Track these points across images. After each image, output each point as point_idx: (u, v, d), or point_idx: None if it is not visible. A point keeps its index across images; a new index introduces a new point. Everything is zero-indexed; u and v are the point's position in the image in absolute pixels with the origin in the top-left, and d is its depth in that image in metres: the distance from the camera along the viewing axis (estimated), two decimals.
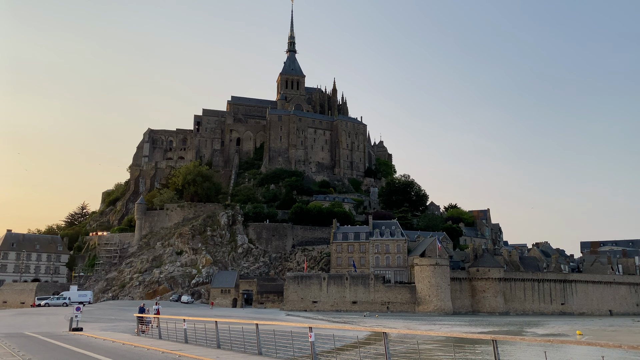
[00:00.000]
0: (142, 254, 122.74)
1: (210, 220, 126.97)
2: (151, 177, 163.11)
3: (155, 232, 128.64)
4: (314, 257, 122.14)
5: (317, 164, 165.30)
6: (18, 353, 18.30)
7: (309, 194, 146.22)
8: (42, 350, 20.01)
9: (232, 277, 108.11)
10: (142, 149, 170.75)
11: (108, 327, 37.83)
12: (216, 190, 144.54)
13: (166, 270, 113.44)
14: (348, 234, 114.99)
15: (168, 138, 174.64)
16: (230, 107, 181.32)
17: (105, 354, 18.66)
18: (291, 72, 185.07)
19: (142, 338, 26.21)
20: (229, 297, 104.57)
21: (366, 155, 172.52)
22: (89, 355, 18.27)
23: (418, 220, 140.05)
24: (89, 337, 26.86)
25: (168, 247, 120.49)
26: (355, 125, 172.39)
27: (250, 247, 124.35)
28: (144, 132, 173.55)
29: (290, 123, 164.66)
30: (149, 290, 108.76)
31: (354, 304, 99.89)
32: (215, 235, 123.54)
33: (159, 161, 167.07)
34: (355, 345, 30.10)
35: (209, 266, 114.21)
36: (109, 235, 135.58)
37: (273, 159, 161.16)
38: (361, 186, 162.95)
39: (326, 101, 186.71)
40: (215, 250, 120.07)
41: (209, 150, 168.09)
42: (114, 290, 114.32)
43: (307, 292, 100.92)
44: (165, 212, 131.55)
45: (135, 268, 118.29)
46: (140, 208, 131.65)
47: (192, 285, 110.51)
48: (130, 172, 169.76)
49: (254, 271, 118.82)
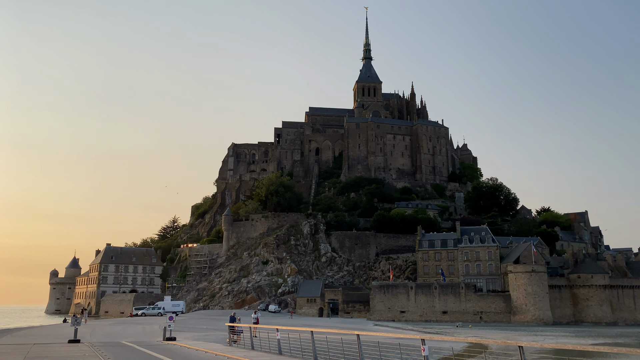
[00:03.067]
0: (230, 264, 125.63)
1: (293, 229, 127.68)
2: (236, 190, 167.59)
3: (242, 242, 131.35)
4: (399, 266, 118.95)
5: (397, 171, 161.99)
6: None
7: (390, 201, 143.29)
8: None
9: (317, 286, 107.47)
10: (227, 163, 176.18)
11: (200, 336, 37.82)
12: (298, 200, 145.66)
13: (253, 280, 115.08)
14: (434, 241, 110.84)
15: (251, 151, 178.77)
16: (309, 118, 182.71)
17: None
18: (367, 80, 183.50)
19: (234, 348, 25.43)
20: (315, 306, 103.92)
21: (449, 159, 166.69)
22: None
23: (509, 226, 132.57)
24: (182, 347, 26.49)
25: (254, 256, 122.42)
26: (436, 128, 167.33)
27: (334, 256, 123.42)
28: (228, 147, 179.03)
29: (368, 130, 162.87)
30: (238, 300, 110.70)
31: (444, 314, 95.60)
32: (299, 245, 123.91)
33: (243, 174, 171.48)
34: (458, 357, 27.65)
35: (294, 275, 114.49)
36: (198, 246, 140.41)
37: (352, 167, 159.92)
38: (445, 191, 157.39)
39: (404, 106, 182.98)
40: (300, 259, 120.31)
41: (289, 161, 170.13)
42: (204, 300, 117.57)
43: (394, 301, 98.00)
44: (251, 222, 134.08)
45: (224, 278, 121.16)
46: (227, 219, 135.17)
47: (278, 295, 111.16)
48: (216, 185, 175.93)
49: (338, 280, 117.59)
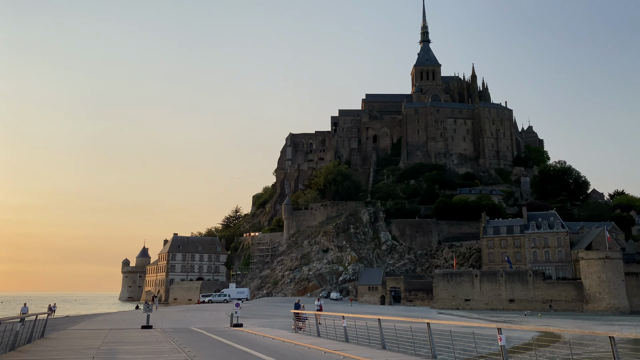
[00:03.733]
0: (291, 252, 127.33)
1: (352, 218, 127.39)
2: (295, 179, 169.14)
3: (302, 231, 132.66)
4: (462, 254, 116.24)
5: (459, 156, 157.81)
6: (184, 349, 18.27)
7: (452, 187, 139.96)
8: (206, 347, 19.92)
9: (379, 274, 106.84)
10: (285, 153, 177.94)
11: (265, 323, 38.36)
12: (356, 188, 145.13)
13: (314, 268, 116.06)
14: (500, 227, 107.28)
15: (308, 141, 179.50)
16: (365, 105, 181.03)
17: (266, 352, 17.85)
18: (426, 63, 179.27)
19: (300, 335, 25.48)
20: (377, 294, 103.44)
21: (514, 142, 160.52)
22: (251, 354, 17.59)
23: (579, 210, 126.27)
24: (249, 334, 26.84)
25: (314, 245, 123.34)
26: (499, 111, 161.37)
27: (394, 244, 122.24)
28: (286, 137, 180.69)
29: (427, 115, 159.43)
30: (300, 287, 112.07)
31: (510, 302, 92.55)
32: (359, 233, 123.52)
33: (301, 163, 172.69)
34: (527, 346, 26.43)
35: (354, 263, 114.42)
36: (260, 235, 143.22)
37: (411, 154, 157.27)
38: (510, 176, 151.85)
39: (465, 89, 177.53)
40: (360, 248, 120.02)
41: (346, 149, 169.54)
42: (267, 287, 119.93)
43: (458, 289, 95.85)
44: (310, 211, 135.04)
45: (286, 266, 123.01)
46: (287, 209, 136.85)
47: (339, 282, 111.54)
48: (276, 175, 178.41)
49: (400, 268, 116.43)
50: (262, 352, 17.64)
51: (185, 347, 19.20)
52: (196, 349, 18.74)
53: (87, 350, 17.83)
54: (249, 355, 17.09)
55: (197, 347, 19.61)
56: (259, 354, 17.20)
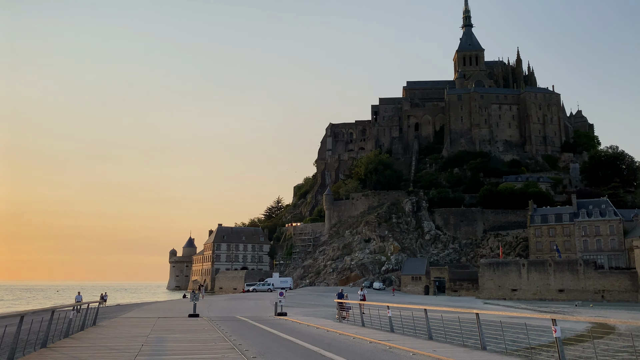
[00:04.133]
0: (333, 242, 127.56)
1: (394, 207, 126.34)
2: (335, 169, 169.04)
3: (344, 221, 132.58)
4: (508, 243, 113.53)
5: (504, 143, 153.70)
6: (230, 338, 18.44)
7: (497, 175, 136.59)
8: (251, 335, 20.06)
9: (422, 264, 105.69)
10: (326, 144, 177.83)
11: (309, 312, 38.48)
12: (398, 177, 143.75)
13: (356, 258, 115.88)
14: (548, 216, 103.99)
15: (348, 130, 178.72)
16: (406, 92, 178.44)
17: (311, 341, 17.80)
18: (468, 48, 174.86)
19: (344, 325, 25.37)
20: (420, 284, 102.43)
21: (562, 127, 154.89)
22: (296, 342, 17.57)
23: (633, 197, 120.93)
24: (293, 323, 26.93)
25: (356, 235, 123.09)
26: (546, 95, 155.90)
27: (438, 234, 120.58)
28: (325, 128, 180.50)
29: (471, 101, 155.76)
30: (342, 277, 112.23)
31: (560, 292, 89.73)
32: (401, 222, 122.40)
33: (342, 153, 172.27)
34: (580, 338, 25.44)
35: (397, 253, 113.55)
36: (302, 225, 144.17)
37: (455, 142, 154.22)
38: (558, 163, 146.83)
39: (510, 73, 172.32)
40: (402, 237, 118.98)
41: (387, 138, 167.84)
42: (310, 276, 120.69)
43: (504, 279, 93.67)
44: (351, 201, 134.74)
45: (328, 256, 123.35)
46: (328, 199, 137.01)
47: (382, 272, 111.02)
48: (316, 166, 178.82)
49: (444, 258, 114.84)
50: (306, 341, 17.60)
51: (231, 335, 19.38)
52: (242, 337, 18.89)
53: (136, 338, 18.24)
54: (294, 344, 17.07)
55: (243, 335, 19.77)
56: (303, 343, 17.17)
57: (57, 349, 14.98)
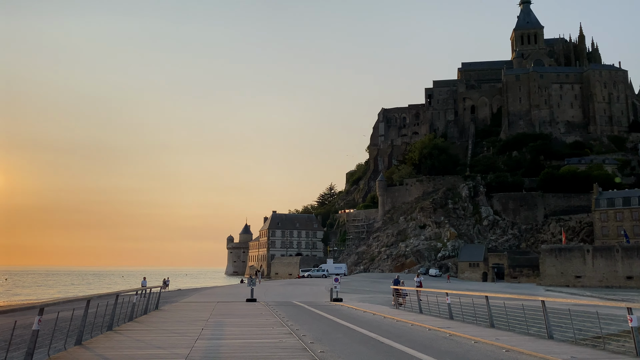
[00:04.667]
0: (387, 228, 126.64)
1: (450, 192, 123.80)
2: (388, 155, 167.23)
3: (398, 207, 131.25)
4: (571, 228, 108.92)
5: (566, 124, 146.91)
6: (287, 322, 18.54)
7: (558, 157, 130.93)
8: (308, 321, 20.11)
9: (480, 250, 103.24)
10: (378, 129, 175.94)
11: (365, 298, 38.33)
12: (453, 162, 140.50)
13: (411, 244, 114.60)
14: (614, 199, 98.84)
15: (401, 115, 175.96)
16: (461, 74, 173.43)
17: (368, 327, 17.61)
18: (526, 26, 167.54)
19: (401, 311, 25.03)
20: (478, 270, 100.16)
21: (629, 106, 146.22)
22: (353, 329, 17.43)
23: None
24: (349, 309, 26.85)
25: (411, 221, 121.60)
26: (612, 73, 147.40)
27: (496, 219, 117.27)
28: (378, 113, 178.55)
29: (530, 82, 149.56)
30: (397, 264, 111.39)
31: (628, 279, 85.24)
32: (457, 208, 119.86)
33: (395, 139, 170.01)
34: None
35: (453, 239, 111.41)
36: (355, 212, 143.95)
37: (513, 124, 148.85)
38: (625, 144, 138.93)
39: (572, 51, 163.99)
40: (459, 223, 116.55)
41: (442, 122, 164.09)
42: (364, 263, 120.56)
43: (567, 266, 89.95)
44: (405, 187, 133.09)
45: (382, 242, 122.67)
46: (381, 185, 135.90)
47: (438, 259, 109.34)
48: (368, 152, 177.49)
49: (502, 244, 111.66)
50: (364, 328, 17.43)
51: (288, 320, 19.50)
52: (299, 322, 18.96)
53: (197, 322, 18.67)
54: (351, 330, 16.94)
55: (300, 320, 19.85)
56: (361, 329, 17.00)
57: (122, 331, 15.52)
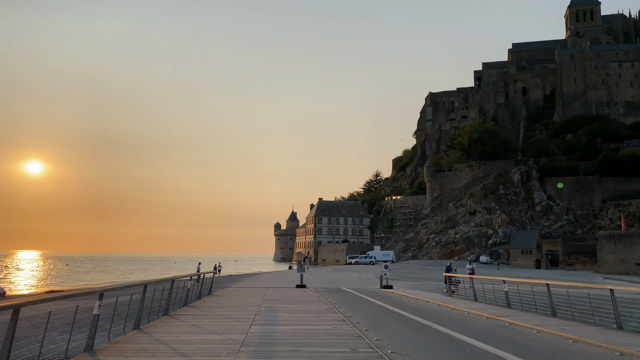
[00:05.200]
0: (435, 215, 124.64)
1: (501, 178, 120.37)
2: (436, 140, 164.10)
3: (446, 193, 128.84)
4: (632, 213, 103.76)
5: (625, 104, 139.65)
6: (339, 309, 18.38)
7: (617, 140, 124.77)
8: (359, 307, 19.89)
9: (533, 236, 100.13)
10: (425, 114, 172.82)
11: (415, 285, 37.81)
12: (504, 146, 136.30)
13: (461, 231, 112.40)
14: None
15: (449, 99, 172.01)
16: (512, 55, 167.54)
17: (422, 315, 17.22)
18: (582, 2, 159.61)
19: (454, 299, 24.45)
20: (531, 257, 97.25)
21: None
22: (407, 316, 17.08)
23: None
24: (401, 296, 26.48)
25: (460, 207, 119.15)
26: None
27: (550, 205, 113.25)
28: (425, 97, 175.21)
29: (585, 61, 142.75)
30: (446, 251, 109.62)
31: None
32: (509, 194, 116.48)
33: (443, 123, 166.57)
34: None
35: (505, 226, 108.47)
36: (402, 198, 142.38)
37: (567, 105, 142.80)
38: None
39: (632, 27, 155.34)
40: (511, 209, 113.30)
41: (492, 105, 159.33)
42: (412, 250, 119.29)
43: (627, 253, 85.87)
44: (454, 172, 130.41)
45: (431, 229, 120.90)
46: (428, 171, 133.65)
47: (489, 246, 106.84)
48: (415, 137, 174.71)
49: (557, 230, 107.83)
50: (417, 315, 17.06)
51: (340, 307, 19.35)
52: (350, 309, 18.77)
53: (250, 307, 18.80)
54: (405, 318, 16.59)
55: (351, 307, 19.66)
56: (415, 317, 16.63)
57: (178, 316, 15.78)
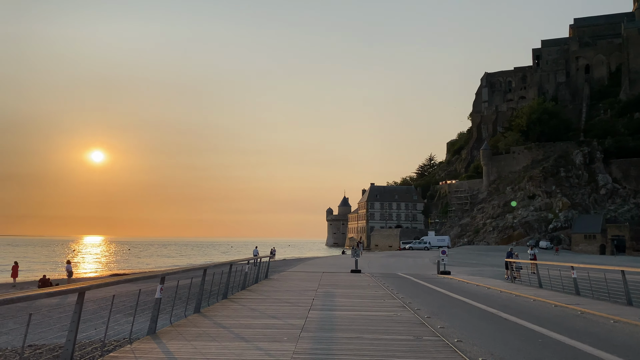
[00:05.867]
0: (492, 199, 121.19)
1: (562, 160, 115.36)
2: (493, 122, 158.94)
3: (504, 176, 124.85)
4: None
5: None
6: (397, 295, 17.99)
7: None
8: (418, 293, 19.44)
9: (597, 221, 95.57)
10: (481, 95, 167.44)
11: (474, 271, 36.79)
12: (565, 127, 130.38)
13: (519, 215, 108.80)
14: None
15: (506, 79, 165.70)
16: (574, 31, 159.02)
17: (485, 302, 16.56)
18: None
19: (517, 285, 23.51)
20: (595, 243, 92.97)
21: None
22: (469, 303, 16.48)
23: None
24: (460, 282, 25.76)
25: (518, 191, 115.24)
26: None
27: (616, 188, 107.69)
28: (480, 78, 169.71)
29: None
30: (504, 236, 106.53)
31: None
32: (571, 176, 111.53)
33: (499, 104, 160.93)
34: None
35: (566, 210, 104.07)
36: (457, 183, 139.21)
37: (635, 82, 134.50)
38: None
39: None
40: (572, 193, 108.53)
41: (552, 84, 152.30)
42: (468, 235, 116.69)
43: None
44: (512, 155, 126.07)
45: (487, 214, 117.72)
46: (485, 154, 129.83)
47: (549, 230, 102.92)
48: (471, 119, 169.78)
49: (623, 214, 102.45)
50: (480, 302, 16.41)
51: (398, 292, 18.95)
52: (409, 295, 18.34)
53: (306, 292, 18.71)
54: (467, 305, 16.00)
55: (410, 293, 19.23)
56: (477, 304, 16.01)
57: (237, 300, 15.86)
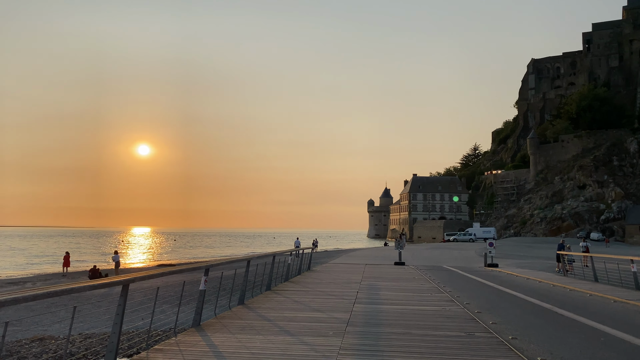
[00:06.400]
0: (539, 189, 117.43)
1: (615, 148, 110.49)
2: (540, 110, 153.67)
3: (552, 166, 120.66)
4: None
5: None
6: (444, 288, 17.49)
7: None
8: (465, 287, 18.85)
9: None
10: (527, 82, 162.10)
11: (523, 264, 35.60)
12: (618, 114, 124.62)
13: (569, 206, 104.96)
14: None
15: (554, 65, 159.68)
16: (627, 13, 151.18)
17: (537, 296, 15.85)
18: None
19: (570, 279, 22.49)
20: None
21: None
22: (521, 297, 15.82)
23: None
24: (509, 275, 24.91)
25: (568, 181, 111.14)
26: None
27: None
28: (527, 64, 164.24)
29: None
30: (552, 227, 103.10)
31: None
32: (624, 165, 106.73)
33: (547, 91, 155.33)
34: None
35: (619, 200, 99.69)
36: (503, 173, 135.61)
37: None
38: None
39: None
40: (626, 182, 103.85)
41: (603, 69, 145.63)
42: (514, 226, 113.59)
43: None
44: (560, 144, 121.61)
45: (535, 204, 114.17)
46: (532, 143, 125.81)
47: (600, 222, 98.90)
48: (517, 107, 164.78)
49: None
50: (532, 297, 15.70)
51: (445, 286, 18.42)
52: (456, 288, 17.79)
53: (350, 284, 18.45)
54: (518, 299, 15.34)
55: (457, 286, 18.66)
56: (529, 298, 15.31)
57: (280, 292, 15.75)
